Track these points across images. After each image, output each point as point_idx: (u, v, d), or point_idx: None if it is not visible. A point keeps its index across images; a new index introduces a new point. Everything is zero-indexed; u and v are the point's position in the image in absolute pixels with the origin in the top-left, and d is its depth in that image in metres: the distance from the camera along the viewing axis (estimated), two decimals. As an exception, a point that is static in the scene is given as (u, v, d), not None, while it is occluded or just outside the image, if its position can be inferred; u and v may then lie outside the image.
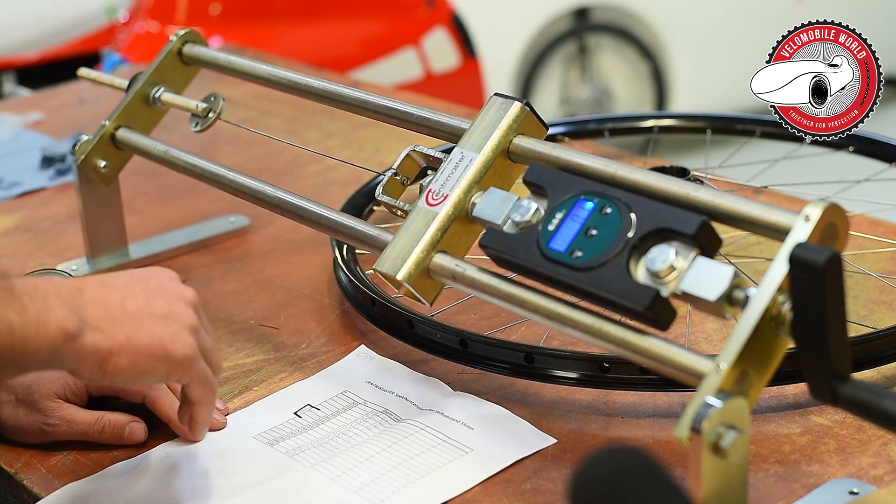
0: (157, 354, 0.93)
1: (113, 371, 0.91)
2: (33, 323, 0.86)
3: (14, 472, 1.08)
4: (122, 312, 0.92)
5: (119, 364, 0.91)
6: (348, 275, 1.28)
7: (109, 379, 0.92)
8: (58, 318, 0.87)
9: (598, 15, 4.52)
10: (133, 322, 0.92)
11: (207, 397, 0.99)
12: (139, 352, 0.92)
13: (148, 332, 0.92)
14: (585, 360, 1.10)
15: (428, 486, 1.01)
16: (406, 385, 1.16)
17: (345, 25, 3.92)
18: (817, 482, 0.98)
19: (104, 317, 0.91)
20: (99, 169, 1.39)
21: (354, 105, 1.22)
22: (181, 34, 1.39)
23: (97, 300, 0.92)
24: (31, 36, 4.21)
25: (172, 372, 0.94)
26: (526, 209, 0.99)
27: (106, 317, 0.91)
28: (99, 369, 0.91)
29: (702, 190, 0.93)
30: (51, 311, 0.88)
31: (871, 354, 1.10)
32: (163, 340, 0.93)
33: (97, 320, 0.90)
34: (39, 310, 0.87)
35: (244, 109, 2.02)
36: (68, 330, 0.88)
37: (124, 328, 0.91)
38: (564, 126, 1.62)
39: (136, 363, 0.92)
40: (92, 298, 0.92)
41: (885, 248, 1.36)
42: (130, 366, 0.92)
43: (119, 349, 0.91)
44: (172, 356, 0.93)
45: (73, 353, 0.89)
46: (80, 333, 0.88)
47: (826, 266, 0.82)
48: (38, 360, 0.88)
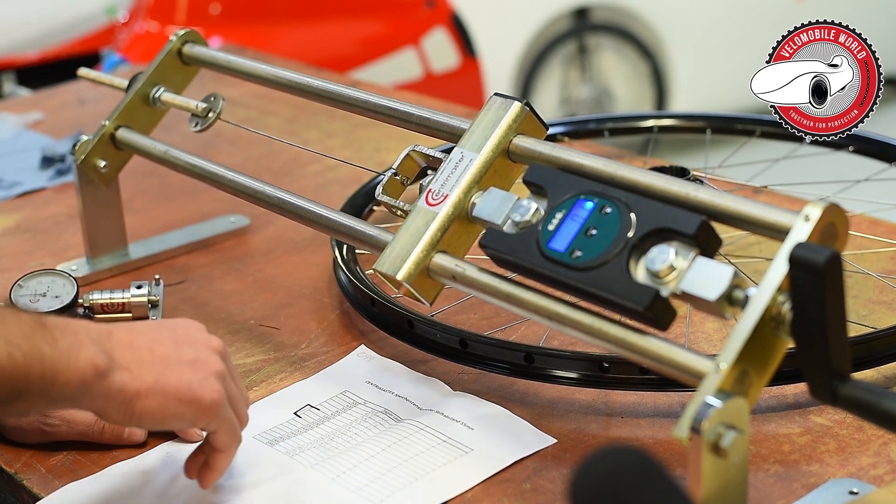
0: (185, 398, 0.93)
1: (140, 413, 0.92)
2: (64, 356, 0.87)
3: (14, 472, 1.08)
4: (151, 356, 0.93)
5: (147, 406, 0.92)
6: (348, 275, 1.28)
7: (137, 421, 0.92)
8: (88, 355, 0.88)
9: (598, 15, 4.52)
10: (161, 365, 0.93)
11: (231, 445, 0.99)
12: (168, 395, 0.92)
13: (176, 376, 0.93)
14: (585, 360, 1.10)
15: (428, 486, 1.01)
16: (406, 385, 1.16)
17: (345, 25, 3.92)
18: (817, 482, 0.98)
19: (133, 358, 0.92)
20: (99, 169, 1.39)
21: (354, 105, 1.22)
22: (181, 34, 1.39)
23: (126, 342, 0.93)
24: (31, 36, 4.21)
25: (200, 417, 0.95)
26: (526, 209, 0.99)
27: (135, 358, 0.92)
28: (126, 411, 0.91)
29: (701, 190, 0.93)
30: (81, 346, 0.88)
31: (870, 354, 1.10)
32: (191, 385, 0.93)
33: (126, 361, 0.91)
34: (70, 344, 0.88)
35: (244, 109, 2.02)
36: (98, 366, 0.88)
37: (152, 371, 0.92)
38: (564, 126, 1.62)
39: (164, 406, 0.92)
40: (121, 340, 0.92)
41: (885, 248, 1.36)
42: (158, 409, 0.92)
43: (147, 391, 0.91)
44: (201, 401, 0.94)
45: (101, 390, 0.89)
46: (109, 371, 0.89)
47: (826, 266, 0.82)
48: (67, 393, 0.88)
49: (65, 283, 1.27)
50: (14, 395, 0.86)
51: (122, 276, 1.45)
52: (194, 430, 1.09)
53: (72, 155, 1.39)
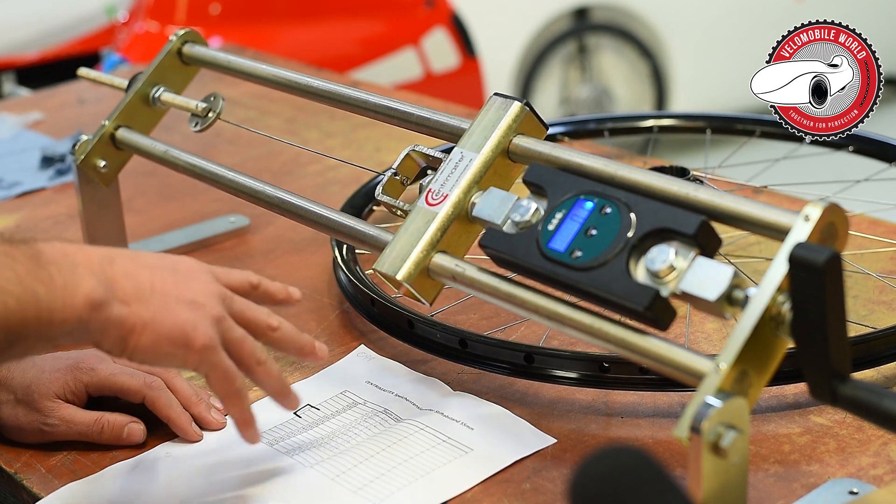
0: (177, 340, 0.92)
1: (133, 348, 0.91)
2: (60, 294, 0.86)
3: (14, 472, 1.08)
4: (151, 291, 0.92)
5: (140, 343, 0.91)
6: (348, 275, 1.28)
7: (129, 355, 0.91)
8: (85, 290, 0.87)
9: (598, 15, 4.52)
10: (159, 303, 0.92)
11: (229, 392, 0.96)
12: (161, 334, 0.91)
13: (172, 316, 0.92)
14: (585, 359, 1.10)
15: (428, 486, 1.01)
16: (406, 385, 1.16)
17: (345, 25, 3.92)
18: (817, 482, 0.98)
19: (133, 291, 0.91)
20: (99, 169, 1.39)
21: (354, 105, 1.22)
22: (181, 34, 1.39)
23: (128, 273, 0.91)
24: (31, 36, 4.21)
25: (189, 360, 0.93)
26: (526, 209, 0.99)
27: (135, 291, 0.91)
28: (120, 344, 0.90)
29: (701, 190, 0.93)
30: (80, 280, 0.87)
31: (870, 354, 1.10)
32: (184, 327, 0.92)
33: (126, 294, 0.90)
34: (67, 281, 0.87)
35: (244, 109, 2.02)
36: (94, 300, 0.87)
37: (150, 307, 0.91)
38: (564, 126, 1.62)
39: (156, 344, 0.91)
40: (123, 270, 0.91)
41: (885, 248, 1.36)
42: (151, 346, 0.91)
43: (143, 327, 0.90)
44: (191, 344, 0.92)
45: (98, 323, 0.88)
46: (106, 304, 0.88)
47: (826, 266, 0.82)
48: (65, 331, 0.87)
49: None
50: (10, 341, 0.85)
51: (122, 276, 1.45)
52: (194, 430, 1.09)
53: (72, 155, 1.39)
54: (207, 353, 0.94)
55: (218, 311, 0.95)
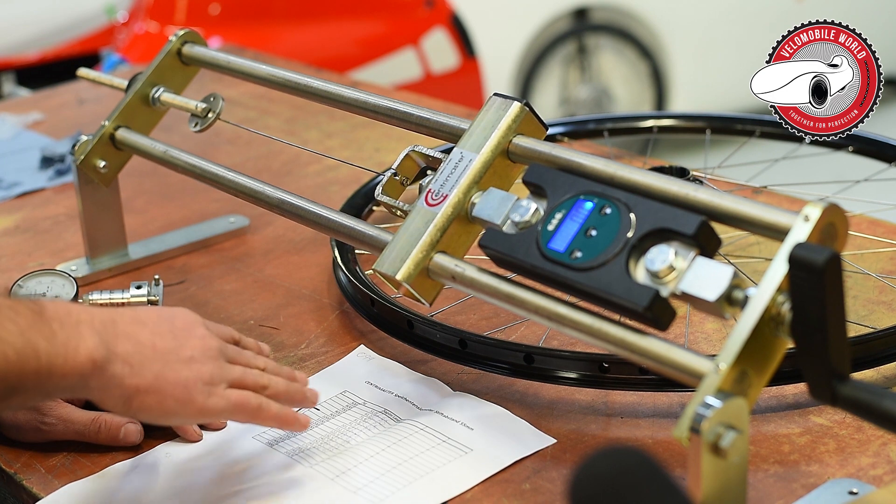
0: (182, 399, 0.94)
1: (138, 409, 0.93)
2: (62, 350, 0.87)
3: (14, 472, 1.08)
4: (153, 351, 0.94)
5: (145, 403, 0.93)
6: (348, 275, 1.28)
7: (134, 415, 0.94)
8: (87, 348, 0.88)
9: (598, 15, 4.52)
10: (161, 363, 0.94)
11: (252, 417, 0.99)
12: (165, 394, 0.93)
13: (174, 375, 0.94)
14: (585, 360, 1.10)
15: (428, 486, 1.01)
16: (405, 385, 1.16)
17: (344, 25, 3.92)
18: (817, 482, 0.98)
19: (135, 352, 0.92)
20: (98, 169, 1.39)
21: (354, 105, 1.22)
22: (181, 34, 1.39)
23: (129, 334, 0.93)
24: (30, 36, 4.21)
25: (196, 418, 0.97)
26: (525, 209, 0.99)
27: (136, 352, 0.92)
28: (124, 405, 0.92)
29: (701, 190, 0.93)
30: (81, 339, 0.88)
31: (870, 354, 1.10)
32: (187, 385, 0.94)
33: (127, 354, 0.92)
34: (69, 337, 0.88)
35: (243, 109, 2.02)
36: (96, 360, 0.89)
37: (153, 368, 0.93)
38: (564, 126, 1.62)
39: (161, 404, 0.93)
40: (125, 331, 0.93)
41: (885, 248, 1.36)
42: (156, 406, 0.93)
43: (146, 388, 0.92)
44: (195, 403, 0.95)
45: (99, 383, 0.90)
46: (107, 365, 0.90)
47: (825, 266, 0.82)
48: (64, 387, 0.89)
49: (64, 283, 1.27)
50: (7, 392, 0.86)
51: (122, 276, 1.45)
52: (194, 430, 1.09)
53: (71, 155, 1.39)
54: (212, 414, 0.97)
55: (214, 363, 0.97)
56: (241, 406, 0.98)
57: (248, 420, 1.00)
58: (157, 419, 0.96)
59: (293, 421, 1.02)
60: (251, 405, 0.99)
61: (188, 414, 0.95)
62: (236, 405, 0.98)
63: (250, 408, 0.99)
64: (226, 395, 0.97)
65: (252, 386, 1.00)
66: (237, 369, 1.00)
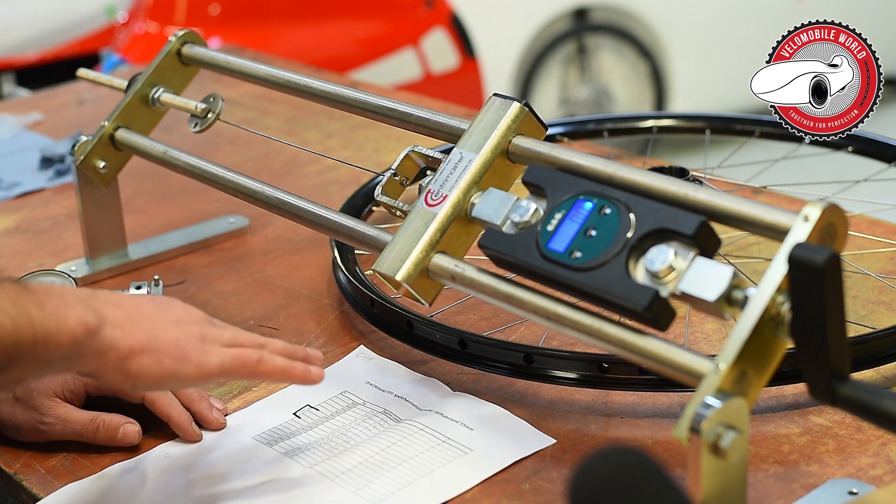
0: (175, 355, 0.93)
1: (136, 372, 0.91)
2: (53, 317, 0.87)
3: (13, 472, 1.08)
4: (139, 314, 0.94)
5: (143, 364, 0.91)
6: (347, 275, 1.28)
7: (132, 381, 0.92)
8: (77, 313, 0.88)
9: (598, 15, 4.52)
10: (150, 324, 0.93)
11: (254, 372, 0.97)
12: (160, 352, 0.92)
13: (165, 333, 0.93)
14: (584, 360, 1.10)
15: (427, 486, 1.01)
16: (405, 385, 1.16)
17: (344, 26, 3.92)
18: (816, 482, 0.98)
19: (122, 316, 0.92)
20: (98, 169, 1.39)
21: (353, 105, 1.22)
22: (180, 35, 1.39)
23: (112, 302, 0.93)
24: (30, 36, 4.21)
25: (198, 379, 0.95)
26: (525, 209, 0.99)
27: (124, 316, 0.92)
28: (121, 369, 0.91)
29: (701, 190, 0.93)
30: (69, 306, 0.88)
31: (870, 354, 1.10)
32: (179, 343, 0.94)
33: (116, 318, 0.91)
34: (57, 305, 0.88)
35: (243, 110, 2.02)
36: (88, 324, 0.88)
37: (143, 328, 0.92)
38: (563, 126, 1.62)
39: (159, 363, 0.92)
40: (107, 300, 0.93)
41: (884, 249, 1.36)
42: (154, 366, 0.92)
43: (141, 348, 0.91)
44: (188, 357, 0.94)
45: (93, 348, 0.89)
46: (99, 328, 0.89)
47: (825, 266, 0.82)
48: (60, 355, 0.88)
49: (64, 283, 1.27)
50: (6, 362, 0.86)
51: (122, 276, 1.45)
52: (193, 429, 1.09)
53: (71, 155, 1.39)
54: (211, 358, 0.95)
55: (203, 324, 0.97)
56: (241, 359, 0.96)
57: (251, 376, 0.97)
58: (157, 382, 0.93)
59: (302, 373, 1.00)
60: (251, 358, 0.97)
61: (187, 373, 0.93)
62: (235, 358, 0.96)
63: (250, 361, 0.97)
64: (222, 350, 0.96)
65: (247, 342, 0.99)
66: (229, 329, 0.99)
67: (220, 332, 0.98)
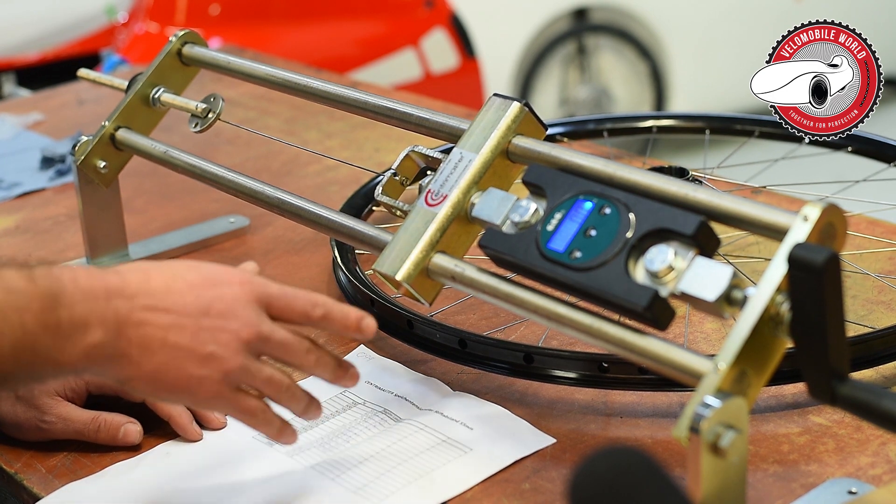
0: (180, 391, 0.91)
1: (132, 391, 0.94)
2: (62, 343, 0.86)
3: (14, 472, 1.08)
4: (161, 345, 0.89)
5: (137, 388, 0.92)
6: (348, 275, 1.29)
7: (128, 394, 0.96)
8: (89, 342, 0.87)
9: (597, 15, 4.52)
10: (167, 357, 0.89)
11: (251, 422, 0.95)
12: (159, 385, 0.91)
13: (177, 370, 0.90)
14: (584, 359, 1.10)
15: (427, 486, 1.01)
16: (405, 385, 1.16)
17: (344, 26, 3.92)
18: (816, 482, 0.98)
19: (139, 343, 0.88)
20: (98, 169, 1.39)
21: (353, 105, 1.22)
22: (181, 35, 1.39)
23: (142, 321, 0.88)
24: (30, 36, 4.21)
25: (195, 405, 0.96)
26: (525, 209, 0.99)
27: (142, 344, 0.88)
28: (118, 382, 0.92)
29: (700, 190, 0.93)
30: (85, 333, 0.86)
31: (869, 354, 1.10)
32: (189, 382, 0.90)
33: (131, 346, 0.88)
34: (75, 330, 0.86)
35: (243, 110, 2.03)
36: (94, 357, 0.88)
37: (154, 361, 0.89)
38: (563, 126, 1.62)
39: (155, 393, 0.93)
40: (139, 319, 0.88)
41: (884, 248, 1.36)
42: (149, 394, 0.94)
43: (140, 378, 0.90)
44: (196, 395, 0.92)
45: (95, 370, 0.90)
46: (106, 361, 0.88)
47: (825, 266, 0.82)
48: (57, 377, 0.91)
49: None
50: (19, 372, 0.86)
51: (122, 276, 1.45)
52: (194, 429, 1.09)
53: (72, 155, 1.39)
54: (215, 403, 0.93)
55: (236, 364, 0.91)
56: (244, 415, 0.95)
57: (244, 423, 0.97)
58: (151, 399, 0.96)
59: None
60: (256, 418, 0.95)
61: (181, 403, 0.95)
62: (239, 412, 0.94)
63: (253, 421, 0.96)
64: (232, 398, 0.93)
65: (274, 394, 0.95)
66: (264, 372, 0.93)
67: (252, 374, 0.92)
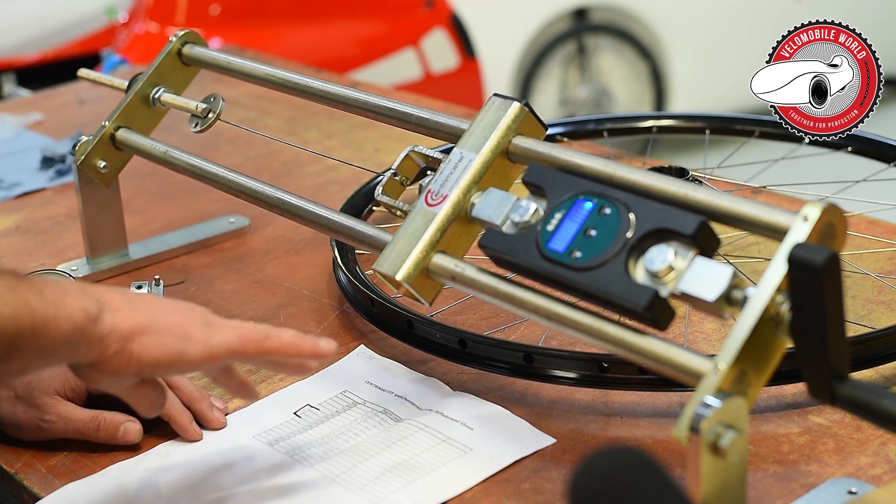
0: (178, 333, 0.92)
1: (139, 354, 0.90)
2: (51, 303, 0.87)
3: (14, 472, 1.08)
4: (139, 299, 0.94)
5: (145, 344, 0.90)
6: (348, 275, 1.29)
7: (136, 364, 0.90)
8: (75, 300, 0.88)
9: (597, 15, 4.52)
10: (150, 308, 0.93)
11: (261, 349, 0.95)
12: (162, 331, 0.91)
13: (165, 316, 0.93)
14: (584, 359, 1.10)
15: (428, 486, 1.01)
16: (405, 385, 1.16)
17: (344, 26, 3.92)
18: (816, 482, 0.98)
19: (122, 301, 0.92)
20: (99, 169, 1.39)
21: (354, 105, 1.22)
22: (181, 35, 1.39)
23: (112, 290, 0.93)
24: (30, 36, 4.21)
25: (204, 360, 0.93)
26: (525, 209, 0.99)
27: (124, 301, 0.92)
28: (124, 352, 0.90)
29: (700, 190, 0.93)
30: (68, 294, 0.88)
31: (869, 354, 1.10)
32: (182, 323, 0.93)
33: (115, 303, 0.91)
34: (56, 293, 0.88)
35: (243, 110, 2.03)
36: (88, 309, 0.88)
37: (142, 311, 0.92)
38: (563, 126, 1.62)
39: (162, 343, 0.91)
40: (105, 288, 0.93)
41: (884, 248, 1.36)
42: (157, 346, 0.91)
43: (142, 328, 0.90)
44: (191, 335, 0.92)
45: (95, 334, 0.88)
46: (99, 314, 0.89)
47: (824, 266, 0.82)
48: (60, 342, 0.87)
49: (65, 283, 1.27)
50: (6, 350, 0.85)
51: (122, 276, 1.45)
52: (194, 429, 1.09)
53: (72, 155, 1.39)
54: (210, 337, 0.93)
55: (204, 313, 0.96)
56: (247, 337, 0.94)
57: (259, 353, 0.95)
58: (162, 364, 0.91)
59: (311, 346, 0.97)
60: (257, 334, 0.95)
61: (192, 353, 0.92)
62: (241, 336, 0.94)
63: (257, 337, 0.95)
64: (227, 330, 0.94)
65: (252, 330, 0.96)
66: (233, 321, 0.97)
67: (225, 320, 0.97)
